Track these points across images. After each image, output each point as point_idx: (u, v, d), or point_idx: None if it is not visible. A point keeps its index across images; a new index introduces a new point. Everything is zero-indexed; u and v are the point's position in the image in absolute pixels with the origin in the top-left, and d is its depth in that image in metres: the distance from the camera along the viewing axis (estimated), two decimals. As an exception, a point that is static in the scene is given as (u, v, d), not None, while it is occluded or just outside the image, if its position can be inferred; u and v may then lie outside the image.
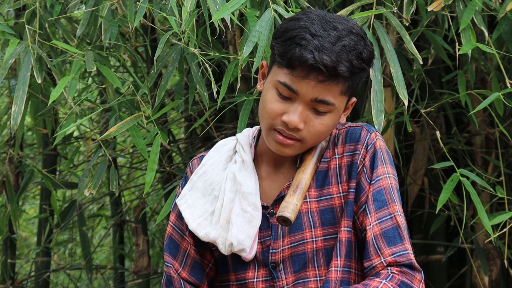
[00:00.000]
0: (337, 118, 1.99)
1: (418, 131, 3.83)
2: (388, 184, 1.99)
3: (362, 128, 2.04)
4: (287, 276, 2.01)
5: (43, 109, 3.49)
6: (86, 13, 3.14)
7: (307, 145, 1.99)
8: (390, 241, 1.95)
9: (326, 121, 1.96)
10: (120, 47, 3.31)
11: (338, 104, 1.95)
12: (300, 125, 1.93)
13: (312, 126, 1.95)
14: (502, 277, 3.89)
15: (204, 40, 3.08)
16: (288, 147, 1.97)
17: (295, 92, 1.92)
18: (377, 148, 2.01)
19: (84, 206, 4.77)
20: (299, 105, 1.93)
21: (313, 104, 1.93)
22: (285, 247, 2.01)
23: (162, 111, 3.05)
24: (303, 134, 1.95)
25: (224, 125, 4.04)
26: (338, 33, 1.91)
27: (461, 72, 3.23)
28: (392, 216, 1.97)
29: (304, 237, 2.00)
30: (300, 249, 2.00)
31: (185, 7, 2.60)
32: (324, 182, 2.02)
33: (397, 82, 2.74)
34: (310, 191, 2.02)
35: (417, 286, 1.92)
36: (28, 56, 2.86)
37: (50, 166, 4.41)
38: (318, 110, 1.94)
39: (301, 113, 1.93)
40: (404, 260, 1.94)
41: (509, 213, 2.93)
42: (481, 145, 3.87)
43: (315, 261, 2.00)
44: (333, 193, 2.01)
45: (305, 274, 2.00)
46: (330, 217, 2.00)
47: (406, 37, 2.83)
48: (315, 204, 2.01)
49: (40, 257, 4.57)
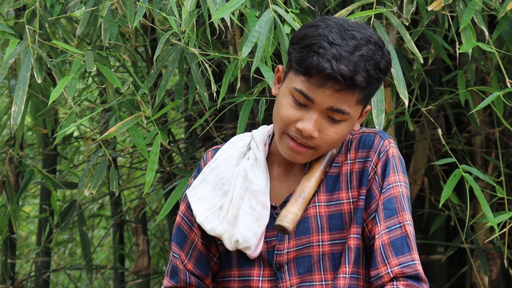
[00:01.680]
0: (351, 127, 1.98)
1: (418, 131, 3.83)
2: (399, 192, 1.99)
3: (376, 134, 2.03)
4: (291, 278, 2.01)
5: (43, 109, 3.49)
6: (86, 13, 3.14)
7: (320, 152, 1.99)
8: (398, 250, 1.95)
9: (340, 130, 1.95)
10: (120, 47, 3.31)
11: (354, 113, 1.95)
12: (314, 133, 1.93)
13: (326, 135, 1.94)
14: (502, 277, 3.89)
15: (204, 40, 3.08)
16: (300, 154, 1.97)
17: (311, 100, 1.91)
18: (389, 156, 2.00)
19: (84, 206, 4.77)
20: (314, 113, 1.92)
21: (328, 112, 1.92)
22: (291, 249, 2.01)
23: (162, 111, 3.05)
24: (317, 142, 1.95)
25: (224, 125, 4.04)
26: (356, 42, 1.90)
27: (461, 72, 3.23)
28: (401, 225, 1.96)
29: (311, 240, 2.00)
30: (306, 252, 2.00)
31: (184, 7, 2.60)
32: (334, 187, 2.02)
33: (397, 81, 2.74)
34: (320, 195, 2.01)
35: None
36: (28, 56, 2.86)
37: (50, 166, 4.41)
38: (334, 118, 1.93)
39: (315, 122, 1.92)
40: (411, 271, 1.94)
41: (509, 213, 2.93)
42: (481, 145, 3.87)
43: (321, 265, 1.99)
44: (342, 198, 2.01)
45: (311, 278, 2.00)
46: (339, 222, 2.00)
47: (407, 36, 2.83)
48: (324, 208, 2.01)
49: (40, 257, 4.56)
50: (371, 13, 2.79)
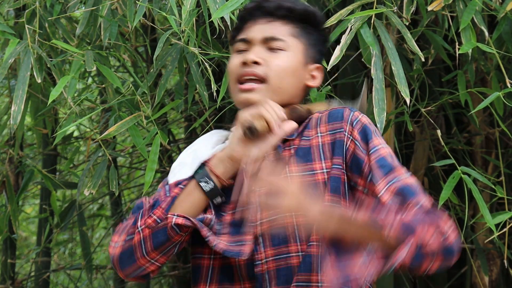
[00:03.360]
0: (295, 62, 2.07)
1: (418, 131, 3.83)
2: (388, 152, 1.99)
3: (344, 108, 2.05)
4: (266, 250, 1.98)
5: (43, 109, 3.49)
6: (86, 13, 3.14)
7: (272, 86, 2.04)
8: (410, 193, 1.91)
9: (283, 59, 2.05)
10: (120, 47, 3.31)
11: (291, 43, 2.07)
12: (256, 59, 2.03)
13: (271, 63, 2.04)
14: (502, 277, 3.89)
15: (204, 39, 3.08)
16: (253, 91, 2.04)
17: (247, 40, 2.07)
18: (365, 123, 2.01)
19: (84, 206, 4.76)
20: (253, 48, 2.06)
21: (265, 43, 2.06)
22: (264, 220, 1.98)
23: (162, 111, 3.05)
24: (264, 70, 2.04)
25: (224, 125, 4.04)
26: None
27: (461, 72, 3.23)
28: (402, 177, 1.94)
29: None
30: (279, 223, 1.95)
31: (184, 6, 2.60)
32: (306, 159, 2.01)
33: (398, 79, 2.74)
34: (291, 166, 2.01)
35: (444, 223, 1.85)
36: (28, 55, 2.86)
37: (50, 166, 4.41)
38: (272, 47, 2.05)
39: (254, 50, 2.06)
40: (430, 206, 1.90)
41: (509, 213, 2.94)
42: (481, 145, 3.87)
43: (297, 236, 1.97)
44: (316, 169, 2.00)
45: (287, 249, 1.97)
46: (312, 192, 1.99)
47: (407, 35, 2.82)
48: (297, 179, 1.98)
49: (40, 257, 4.56)
50: (371, 13, 2.79)
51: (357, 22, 2.78)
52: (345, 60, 3.21)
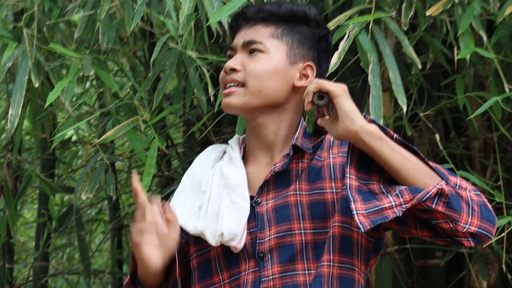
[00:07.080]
0: (275, 63, 2.06)
1: (416, 135, 3.83)
2: None
3: None
4: (273, 266, 1.98)
5: (41, 113, 3.49)
6: (84, 17, 3.14)
7: (250, 90, 2.04)
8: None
9: (262, 62, 2.05)
10: (119, 51, 3.31)
11: (270, 45, 2.06)
12: (233, 65, 2.05)
13: (249, 67, 2.05)
14: (500, 282, 3.88)
15: (202, 44, 3.08)
16: (231, 95, 2.05)
17: (233, 48, 2.10)
18: None
19: (82, 210, 4.76)
20: (237, 54, 2.09)
21: (246, 48, 2.07)
22: (272, 236, 1.99)
23: (160, 115, 3.05)
24: (242, 75, 2.05)
25: (222, 129, 4.04)
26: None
27: (459, 76, 3.23)
28: None
29: (292, 228, 1.98)
30: (288, 240, 1.97)
31: (182, 10, 2.61)
32: (316, 177, 2.02)
33: (395, 87, 2.74)
34: (301, 184, 2.01)
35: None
36: (26, 60, 2.87)
37: (48, 171, 4.41)
38: (251, 50, 2.06)
39: (235, 58, 2.08)
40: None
41: (507, 217, 2.93)
42: (479, 150, 3.87)
43: (304, 254, 1.97)
44: (325, 188, 2.00)
45: (294, 267, 1.97)
46: (321, 211, 1.98)
47: (405, 42, 2.83)
48: (306, 197, 2.00)
49: (38, 261, 4.56)
50: (369, 18, 2.79)
51: (355, 28, 2.78)
52: (344, 64, 3.21)
